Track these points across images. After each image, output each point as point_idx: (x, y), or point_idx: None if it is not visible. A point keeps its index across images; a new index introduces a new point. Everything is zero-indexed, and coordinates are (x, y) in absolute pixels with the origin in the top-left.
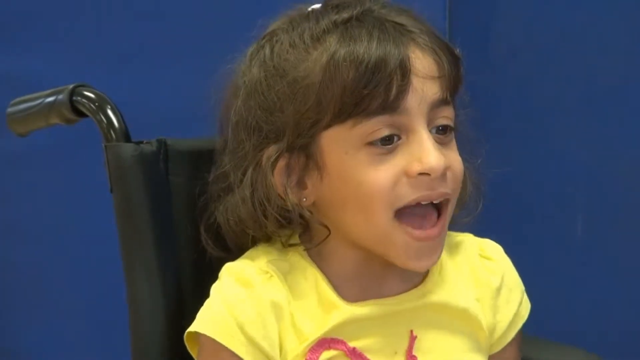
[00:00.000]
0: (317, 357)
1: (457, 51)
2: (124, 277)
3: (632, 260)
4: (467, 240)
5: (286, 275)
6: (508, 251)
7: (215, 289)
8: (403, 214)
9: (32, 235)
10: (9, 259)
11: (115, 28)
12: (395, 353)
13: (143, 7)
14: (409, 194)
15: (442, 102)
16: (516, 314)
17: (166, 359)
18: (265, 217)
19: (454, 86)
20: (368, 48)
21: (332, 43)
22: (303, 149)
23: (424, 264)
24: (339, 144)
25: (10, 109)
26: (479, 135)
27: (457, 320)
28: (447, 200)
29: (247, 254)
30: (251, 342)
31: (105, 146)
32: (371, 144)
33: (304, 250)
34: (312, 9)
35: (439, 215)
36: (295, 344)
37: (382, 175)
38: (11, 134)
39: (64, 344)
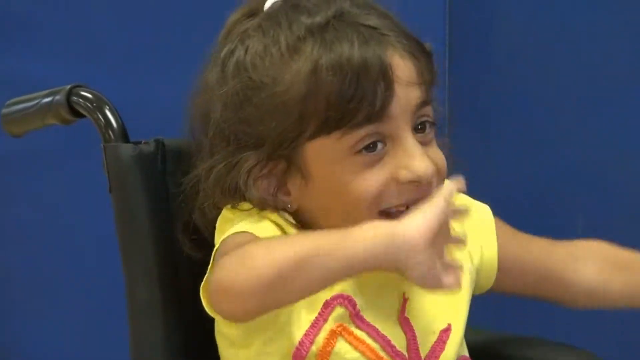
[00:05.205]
0: (331, 311)
1: (428, 46)
2: (123, 276)
3: None
4: None
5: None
6: None
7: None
8: (390, 213)
9: (31, 235)
10: (8, 259)
11: (114, 28)
12: (388, 317)
13: (142, 7)
14: (396, 199)
15: (423, 104)
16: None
17: (166, 358)
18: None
19: (431, 84)
20: (349, 60)
21: (310, 54)
22: (284, 157)
23: None
24: (325, 154)
25: (5, 110)
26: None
27: None
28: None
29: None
30: None
31: (104, 146)
32: (358, 152)
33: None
34: (274, 6)
35: None
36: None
37: (370, 182)
38: (8, 134)
39: (63, 344)
